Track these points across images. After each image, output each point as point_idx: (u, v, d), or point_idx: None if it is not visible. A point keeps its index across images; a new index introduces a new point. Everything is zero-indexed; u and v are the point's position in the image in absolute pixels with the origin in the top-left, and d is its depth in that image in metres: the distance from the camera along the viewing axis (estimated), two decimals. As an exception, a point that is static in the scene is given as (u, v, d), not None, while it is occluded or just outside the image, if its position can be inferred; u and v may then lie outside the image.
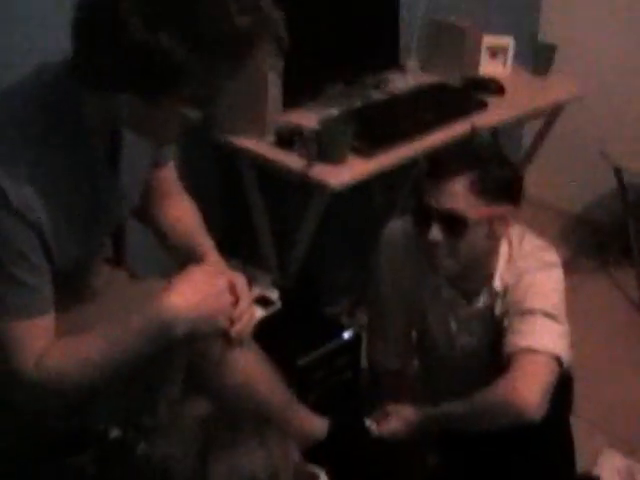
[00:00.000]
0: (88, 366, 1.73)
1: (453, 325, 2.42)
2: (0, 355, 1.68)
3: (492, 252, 2.27)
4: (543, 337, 2.17)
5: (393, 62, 3.35)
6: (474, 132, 2.34)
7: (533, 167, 3.86)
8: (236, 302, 1.93)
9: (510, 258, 2.29)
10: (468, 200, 2.11)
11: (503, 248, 2.29)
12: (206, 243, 2.13)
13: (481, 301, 2.33)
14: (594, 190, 4.40)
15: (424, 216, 2.18)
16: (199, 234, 2.15)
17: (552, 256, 2.34)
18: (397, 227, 2.47)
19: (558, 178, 4.35)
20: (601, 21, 4.12)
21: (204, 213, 2.22)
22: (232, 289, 1.94)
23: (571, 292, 2.34)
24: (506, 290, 2.28)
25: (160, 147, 2.02)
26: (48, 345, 1.70)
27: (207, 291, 1.84)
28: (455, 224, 2.14)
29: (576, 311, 2.37)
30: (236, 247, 2.72)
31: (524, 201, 2.26)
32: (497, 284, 2.29)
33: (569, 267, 2.68)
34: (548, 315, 2.20)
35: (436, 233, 2.15)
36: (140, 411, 2.01)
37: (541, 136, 3.85)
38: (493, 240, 2.23)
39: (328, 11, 3.00)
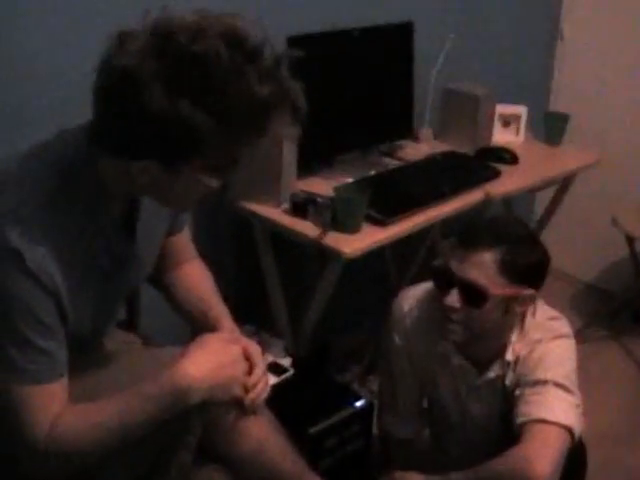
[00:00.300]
0: (102, 433, 1.72)
1: (463, 395, 2.41)
2: (11, 420, 1.67)
3: (506, 327, 2.27)
4: (555, 408, 2.16)
5: (407, 131, 3.37)
6: (488, 201, 2.35)
7: (545, 235, 3.86)
8: (250, 370, 1.93)
9: (522, 329, 2.29)
10: (492, 276, 2.11)
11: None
12: (220, 309, 2.13)
13: (493, 371, 2.32)
14: (606, 258, 4.41)
15: (445, 279, 2.19)
16: (213, 301, 2.15)
17: (564, 326, 2.34)
18: (409, 296, 2.47)
19: (570, 246, 4.35)
20: (612, 90, 4.15)
21: (218, 278, 2.23)
22: (246, 356, 1.94)
23: (583, 361, 2.34)
24: (518, 360, 2.28)
25: (177, 214, 2.03)
26: (61, 411, 1.69)
27: (222, 359, 1.83)
28: (475, 295, 2.14)
29: (588, 380, 2.37)
30: (249, 313, 2.72)
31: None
32: (509, 355, 2.28)
33: (581, 335, 2.68)
34: (560, 386, 2.19)
35: (454, 299, 2.16)
36: (151, 477, 2.00)
37: (553, 204, 3.86)
38: (509, 316, 2.23)
39: (343, 80, 3.04)
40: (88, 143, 1.63)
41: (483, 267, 2.12)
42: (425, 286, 2.41)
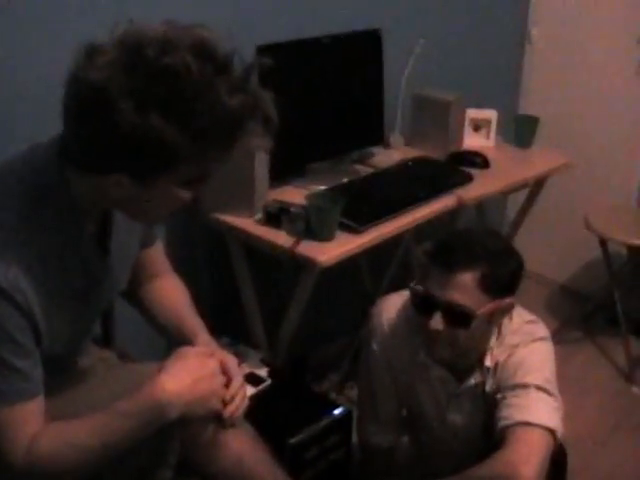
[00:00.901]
0: (80, 451, 1.70)
1: (444, 403, 2.40)
2: None
3: (487, 336, 2.27)
4: (538, 411, 2.15)
5: (378, 137, 3.37)
6: (460, 206, 2.34)
7: (518, 237, 3.88)
8: (228, 383, 1.92)
9: (500, 334, 2.29)
10: (476, 295, 2.11)
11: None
12: (195, 323, 2.11)
13: (473, 379, 2.31)
14: (579, 260, 4.43)
15: (426, 303, 2.17)
16: (187, 314, 2.14)
17: (541, 329, 2.34)
18: (387, 304, 2.46)
19: (543, 248, 4.37)
20: (582, 92, 4.18)
21: (193, 291, 2.21)
22: (223, 369, 1.92)
23: (559, 362, 2.33)
24: (497, 366, 2.27)
25: (149, 227, 2.02)
26: (39, 430, 1.67)
27: (199, 373, 1.82)
28: (460, 317, 2.13)
29: (565, 382, 2.36)
30: (225, 325, 2.71)
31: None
32: (488, 361, 2.28)
33: (556, 337, 2.69)
34: (541, 389, 2.19)
35: (438, 323, 2.14)
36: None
37: (526, 207, 3.87)
38: (490, 326, 2.23)
39: (312, 89, 3.03)
40: (59, 158, 1.61)
41: (465, 288, 2.10)
42: (403, 294, 2.40)
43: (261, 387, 2.72)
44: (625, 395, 3.75)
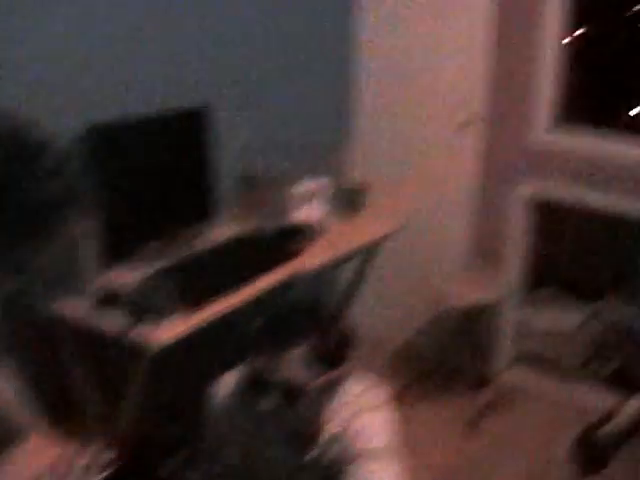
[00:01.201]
0: None
1: (286, 477, 2.38)
2: None
3: (324, 407, 2.26)
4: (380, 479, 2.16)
5: (209, 215, 3.37)
6: (292, 279, 2.35)
7: (355, 302, 3.91)
8: (66, 476, 1.86)
9: (337, 404, 2.28)
10: (306, 370, 2.11)
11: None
12: (29, 420, 2.05)
13: (313, 451, 2.31)
14: (416, 319, 4.48)
15: (258, 382, 2.16)
16: (21, 412, 2.07)
17: (380, 395, 2.35)
18: (224, 384, 2.44)
19: (380, 311, 4.42)
20: (411, 157, 4.29)
21: (26, 387, 2.14)
22: (62, 463, 1.86)
23: (402, 424, 2.35)
24: (336, 437, 2.27)
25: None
26: None
27: (32, 474, 1.76)
28: (292, 394, 2.12)
29: (409, 442, 2.37)
30: (63, 416, 2.63)
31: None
32: (328, 432, 2.27)
33: (397, 398, 2.70)
34: (382, 456, 2.20)
35: (271, 402, 2.13)
36: None
37: (358, 274, 3.92)
38: (326, 397, 2.23)
39: (143, 168, 3.02)
40: None
41: (294, 365, 2.11)
42: (238, 373, 2.39)
43: (103, 475, 2.65)
44: (467, 451, 3.81)
